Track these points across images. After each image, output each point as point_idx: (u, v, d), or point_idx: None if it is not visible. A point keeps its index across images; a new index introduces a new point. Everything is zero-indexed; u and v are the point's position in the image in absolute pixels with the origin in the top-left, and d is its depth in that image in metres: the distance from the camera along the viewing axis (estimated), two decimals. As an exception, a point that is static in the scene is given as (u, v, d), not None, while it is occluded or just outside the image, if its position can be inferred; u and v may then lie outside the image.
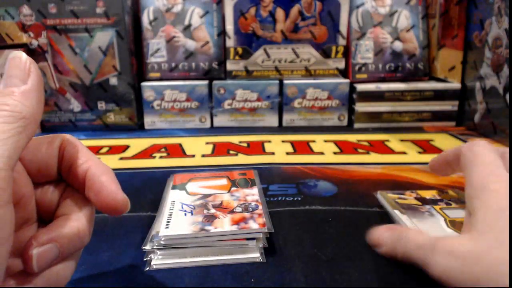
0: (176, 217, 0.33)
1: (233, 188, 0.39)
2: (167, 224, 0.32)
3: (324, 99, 0.71)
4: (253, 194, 0.38)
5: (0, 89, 0.21)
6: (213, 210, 0.34)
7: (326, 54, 0.71)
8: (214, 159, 0.55)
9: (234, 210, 0.34)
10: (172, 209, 0.35)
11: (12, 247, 0.19)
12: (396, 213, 0.36)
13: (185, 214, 0.34)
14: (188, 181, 0.41)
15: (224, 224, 0.32)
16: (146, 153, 0.58)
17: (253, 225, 0.32)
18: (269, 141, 0.63)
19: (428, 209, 0.36)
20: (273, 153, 0.57)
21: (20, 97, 0.20)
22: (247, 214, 0.33)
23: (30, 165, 0.24)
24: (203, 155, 0.56)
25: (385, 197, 0.40)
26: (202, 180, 0.42)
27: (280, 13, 0.70)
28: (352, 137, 0.64)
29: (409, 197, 0.39)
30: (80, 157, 0.25)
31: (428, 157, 0.48)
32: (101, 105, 0.70)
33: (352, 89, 0.71)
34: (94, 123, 0.70)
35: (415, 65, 0.74)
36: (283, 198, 0.42)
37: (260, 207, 0.35)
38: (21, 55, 0.22)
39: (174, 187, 0.40)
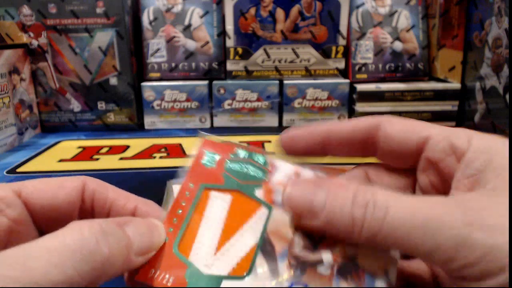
0: None
1: None
2: None
3: (324, 99, 0.71)
4: None
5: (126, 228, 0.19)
6: None
7: (326, 54, 0.71)
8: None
9: None
10: None
11: None
12: None
13: None
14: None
15: None
16: (146, 153, 0.58)
17: None
18: (269, 141, 0.63)
19: None
20: (273, 153, 0.57)
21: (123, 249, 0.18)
22: None
23: (41, 213, 0.21)
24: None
25: None
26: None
27: (280, 13, 0.70)
28: (352, 137, 0.64)
29: None
30: (118, 198, 0.23)
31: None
32: (101, 105, 0.70)
33: (352, 89, 0.71)
34: (94, 123, 0.70)
35: (415, 65, 0.74)
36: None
37: None
38: (161, 232, 0.20)
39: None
